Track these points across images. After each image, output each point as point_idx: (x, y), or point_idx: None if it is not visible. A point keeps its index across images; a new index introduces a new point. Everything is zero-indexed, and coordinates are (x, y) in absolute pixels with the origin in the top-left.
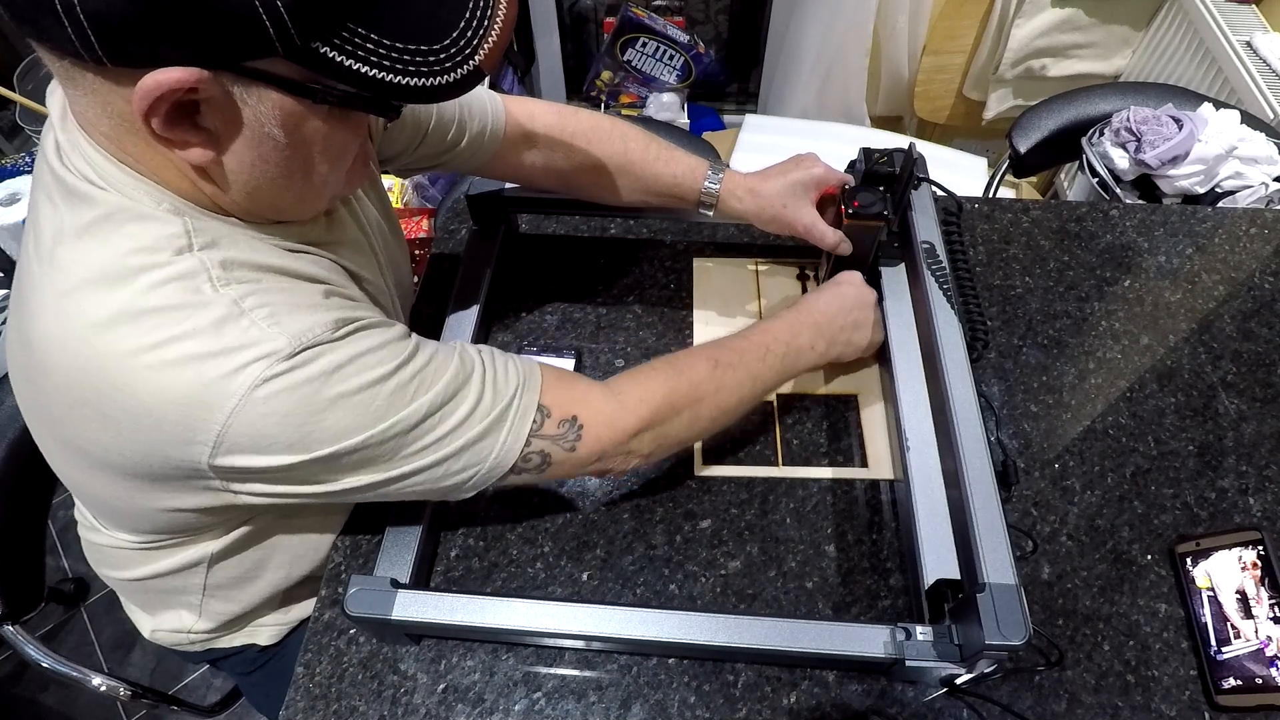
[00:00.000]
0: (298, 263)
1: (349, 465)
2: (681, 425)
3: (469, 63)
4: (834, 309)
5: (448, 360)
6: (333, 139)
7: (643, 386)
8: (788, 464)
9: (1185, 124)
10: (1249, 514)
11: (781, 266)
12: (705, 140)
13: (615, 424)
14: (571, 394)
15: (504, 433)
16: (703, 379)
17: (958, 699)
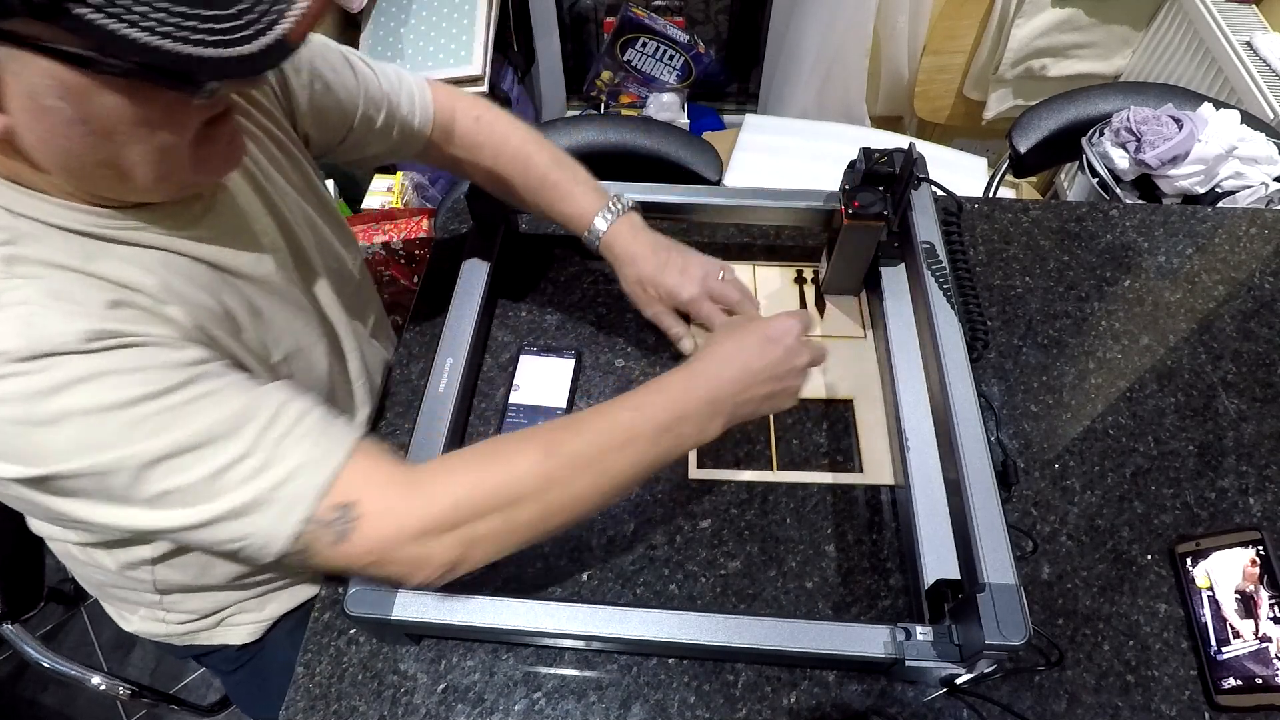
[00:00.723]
0: (111, 265)
1: (80, 491)
2: (495, 528)
3: (270, 33)
4: (742, 378)
5: (223, 403)
6: (140, 117)
7: (447, 477)
8: (783, 469)
9: (1185, 124)
10: (1249, 514)
11: (780, 268)
12: (705, 140)
13: (400, 518)
14: (363, 475)
15: (271, 511)
16: (525, 473)
17: (958, 699)
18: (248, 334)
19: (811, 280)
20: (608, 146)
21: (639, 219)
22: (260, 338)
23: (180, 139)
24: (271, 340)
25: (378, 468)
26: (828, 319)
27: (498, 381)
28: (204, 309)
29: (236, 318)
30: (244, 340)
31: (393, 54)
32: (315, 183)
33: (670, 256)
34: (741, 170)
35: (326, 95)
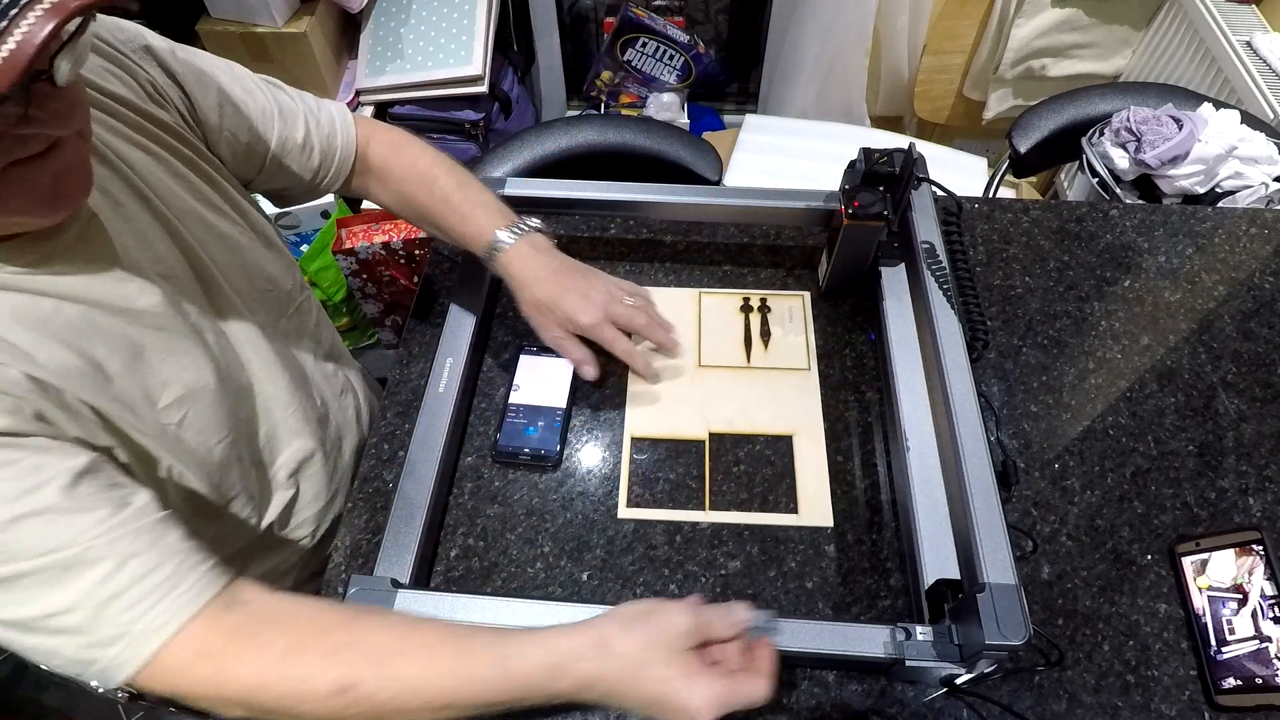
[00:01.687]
0: None
1: None
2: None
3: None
4: (631, 673)
5: (59, 532)
6: None
7: (228, 661)
8: (716, 508)
9: (1185, 124)
10: (1249, 514)
11: (725, 297)
12: (705, 140)
13: (172, 683)
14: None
15: (90, 670)
16: (312, 697)
17: (958, 699)
18: (120, 384)
19: (758, 309)
20: (608, 146)
21: (543, 241)
22: (141, 383)
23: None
24: (158, 383)
25: (190, 632)
26: (771, 350)
27: (498, 381)
28: (55, 366)
29: (104, 368)
30: (115, 393)
31: (393, 54)
32: (238, 201)
33: (572, 280)
34: (741, 170)
35: (238, 117)
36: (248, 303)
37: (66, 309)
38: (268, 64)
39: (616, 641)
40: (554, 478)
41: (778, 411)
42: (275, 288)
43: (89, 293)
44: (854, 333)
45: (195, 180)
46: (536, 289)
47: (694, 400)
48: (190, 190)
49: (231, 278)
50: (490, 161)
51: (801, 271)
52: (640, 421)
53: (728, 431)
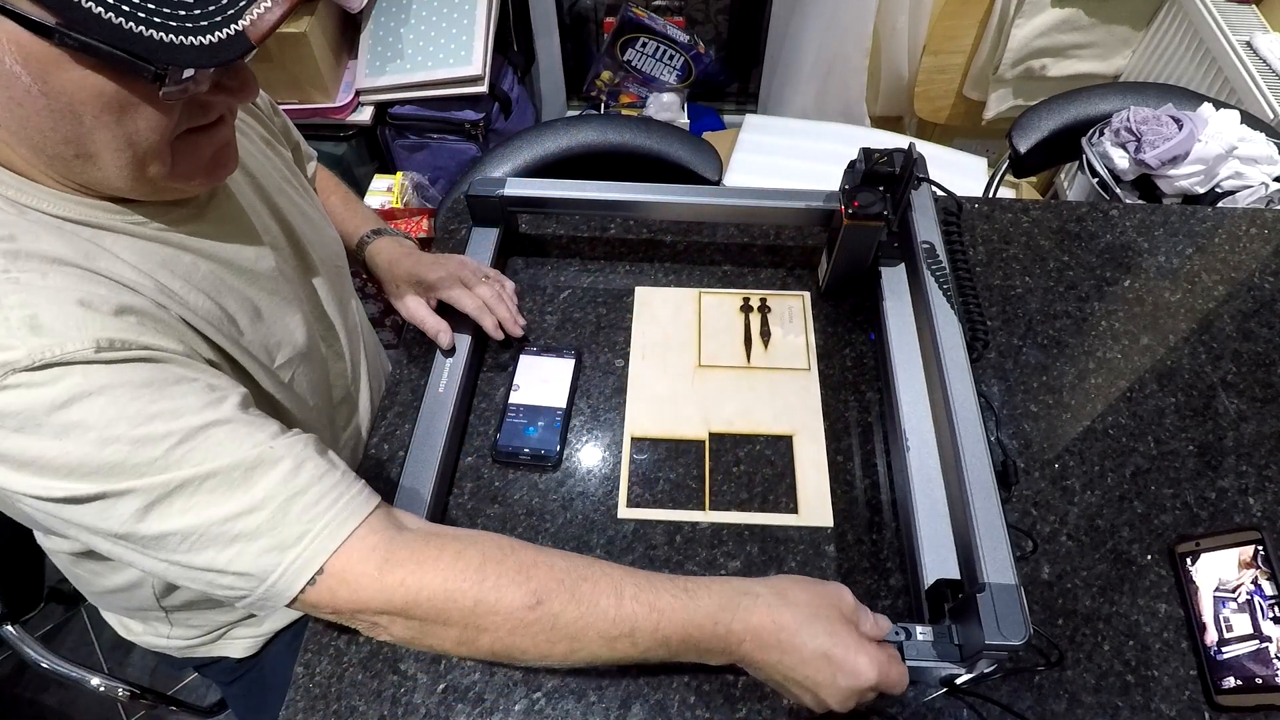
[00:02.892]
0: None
1: (83, 516)
2: (448, 639)
3: (231, 25)
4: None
5: (239, 443)
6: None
7: (424, 569)
8: (716, 508)
9: (1185, 124)
10: (1249, 514)
11: (725, 296)
12: (705, 140)
13: (356, 590)
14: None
15: (273, 576)
16: (501, 609)
17: (958, 699)
18: (247, 337)
19: (758, 309)
20: (608, 146)
21: (410, 243)
22: (262, 340)
23: (152, 134)
24: (273, 342)
25: (368, 537)
26: (772, 350)
27: (498, 381)
28: (201, 310)
29: (237, 321)
30: (243, 344)
31: (393, 54)
32: (304, 181)
33: (427, 256)
34: (741, 170)
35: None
36: (329, 276)
37: (203, 264)
38: (268, 64)
39: (794, 591)
40: (554, 478)
41: (778, 411)
42: (344, 264)
43: (220, 253)
44: (854, 333)
45: (276, 159)
46: (394, 268)
47: (694, 400)
48: (275, 167)
49: (318, 250)
50: (490, 161)
51: (801, 271)
52: (640, 421)
53: (728, 431)
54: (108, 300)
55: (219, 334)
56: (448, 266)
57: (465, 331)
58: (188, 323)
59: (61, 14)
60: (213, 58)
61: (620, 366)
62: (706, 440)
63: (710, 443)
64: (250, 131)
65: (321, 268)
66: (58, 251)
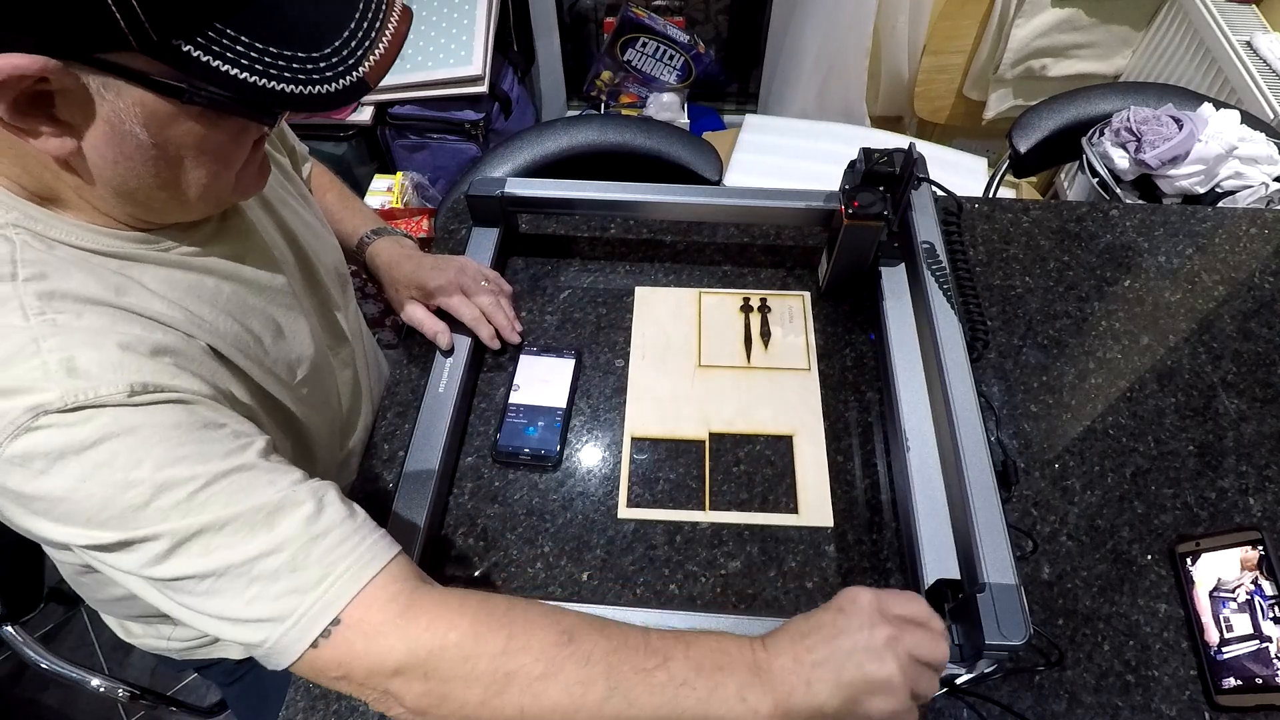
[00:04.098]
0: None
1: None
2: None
3: (352, 74)
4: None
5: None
6: (208, 142)
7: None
8: (715, 509)
9: (1185, 124)
10: (1249, 514)
11: (726, 296)
12: (705, 140)
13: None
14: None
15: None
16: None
17: (958, 699)
18: (271, 356)
19: (758, 309)
20: (608, 146)
21: (408, 242)
22: (284, 357)
23: (236, 165)
24: (294, 359)
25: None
26: (772, 350)
27: (498, 381)
28: (230, 336)
29: (262, 340)
30: (268, 365)
31: None
32: (303, 189)
33: (428, 259)
34: (741, 170)
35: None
36: (333, 285)
37: (226, 287)
38: None
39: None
40: (554, 478)
41: (778, 411)
42: (345, 271)
43: (241, 273)
44: (854, 333)
45: (276, 171)
46: (394, 270)
47: (694, 400)
48: (276, 179)
49: (322, 260)
50: (490, 161)
51: (801, 271)
52: (640, 421)
53: (728, 431)
54: (144, 341)
55: (245, 358)
56: (447, 273)
57: (465, 332)
58: (216, 351)
59: (197, 76)
60: (336, 104)
61: (620, 366)
62: (707, 440)
63: (710, 443)
64: None
65: (326, 276)
66: (90, 290)
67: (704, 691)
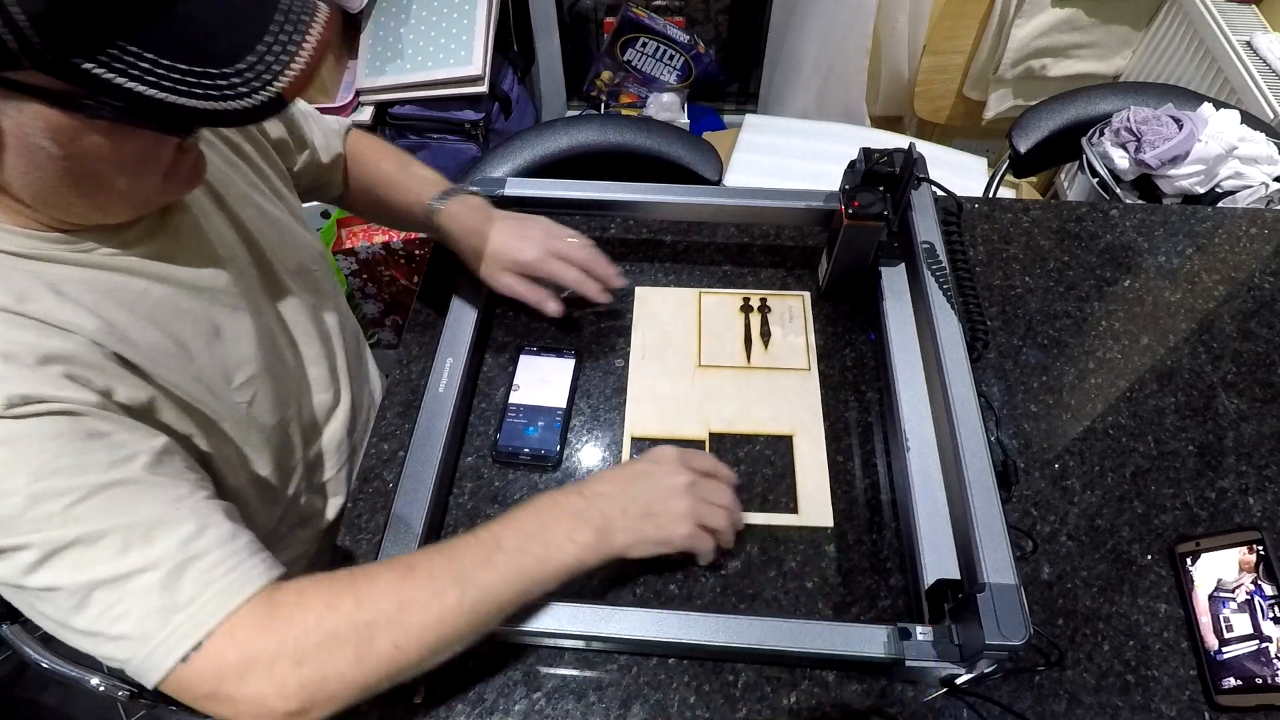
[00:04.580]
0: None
1: None
2: (345, 661)
3: (268, 89)
4: (609, 491)
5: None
6: (122, 154)
7: (304, 597)
8: None
9: (1185, 124)
10: (1249, 514)
11: (725, 296)
12: (705, 140)
13: (245, 645)
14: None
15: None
16: (380, 594)
17: (958, 699)
18: (201, 362)
19: (758, 309)
20: (608, 146)
21: (476, 200)
22: (220, 362)
23: (159, 171)
24: (233, 362)
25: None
26: (772, 350)
27: (498, 381)
28: (145, 344)
29: (189, 348)
30: (196, 372)
31: (393, 54)
32: (277, 184)
33: (508, 225)
34: (741, 170)
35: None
36: (298, 283)
37: (155, 290)
38: None
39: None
40: (554, 478)
41: (778, 411)
42: (320, 267)
43: (175, 274)
44: (854, 333)
45: (242, 165)
46: (475, 240)
47: (694, 400)
48: (240, 174)
49: (284, 258)
50: (490, 161)
51: (801, 271)
52: (640, 421)
53: (728, 431)
54: (34, 350)
55: (161, 367)
56: (536, 241)
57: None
58: (125, 360)
59: (99, 92)
60: (252, 119)
61: (620, 366)
62: (707, 440)
63: (710, 443)
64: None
65: (289, 276)
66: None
67: (538, 548)
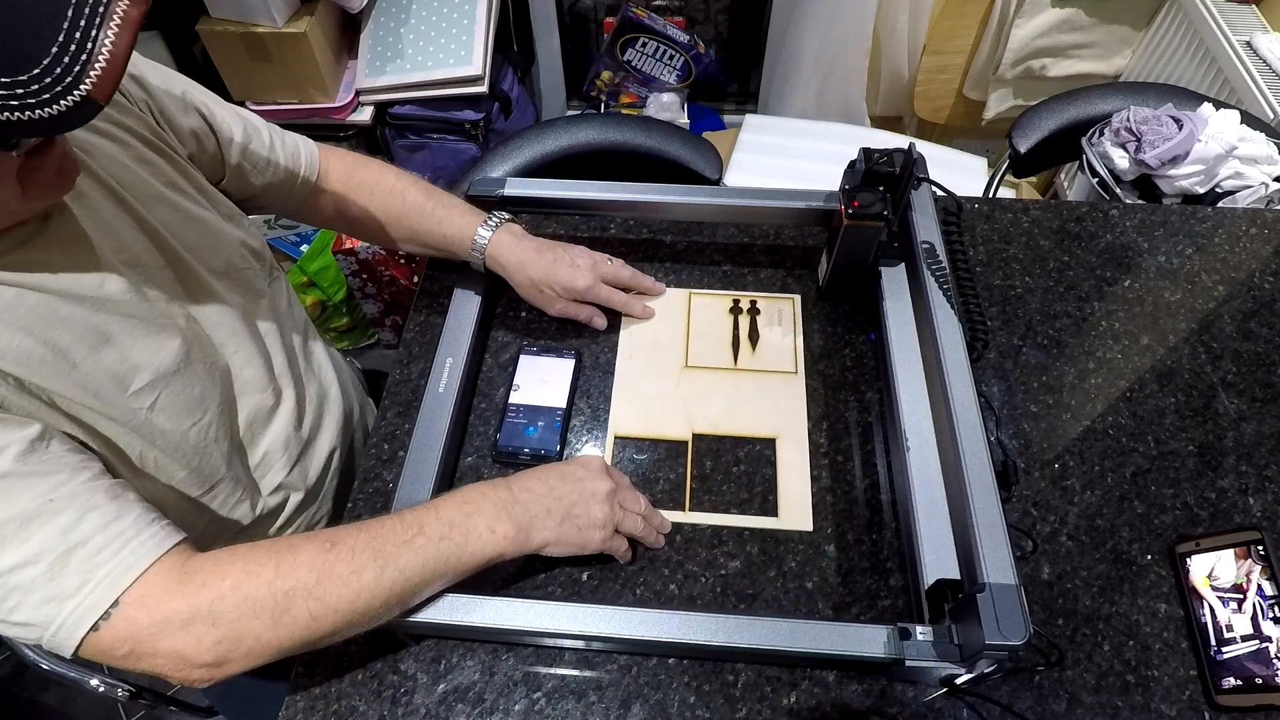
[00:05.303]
0: None
1: None
2: (261, 624)
3: (72, 94)
4: (536, 490)
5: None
6: None
7: (217, 568)
8: (695, 510)
9: (1185, 124)
10: (1249, 514)
11: (715, 297)
12: (706, 139)
13: (156, 608)
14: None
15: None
16: (300, 565)
17: (958, 699)
18: (85, 370)
19: (748, 311)
20: (608, 145)
21: (519, 228)
22: (109, 369)
23: (7, 180)
24: (128, 369)
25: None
26: (759, 352)
27: (498, 381)
28: (15, 353)
29: (68, 355)
30: (79, 379)
31: (393, 54)
32: (203, 184)
33: (556, 254)
34: (741, 170)
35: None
36: (224, 283)
37: (29, 297)
38: (268, 64)
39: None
40: None
41: (763, 414)
42: (250, 265)
43: (53, 282)
44: (854, 333)
45: (161, 163)
46: (531, 270)
47: (679, 401)
48: (156, 174)
49: (206, 259)
50: (490, 161)
51: (801, 272)
52: (624, 420)
53: (711, 433)
54: None
55: (36, 374)
56: (584, 265)
57: (467, 326)
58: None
59: None
60: (65, 126)
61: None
62: (690, 441)
63: (693, 444)
64: (119, 134)
65: (213, 276)
66: None
67: (459, 536)
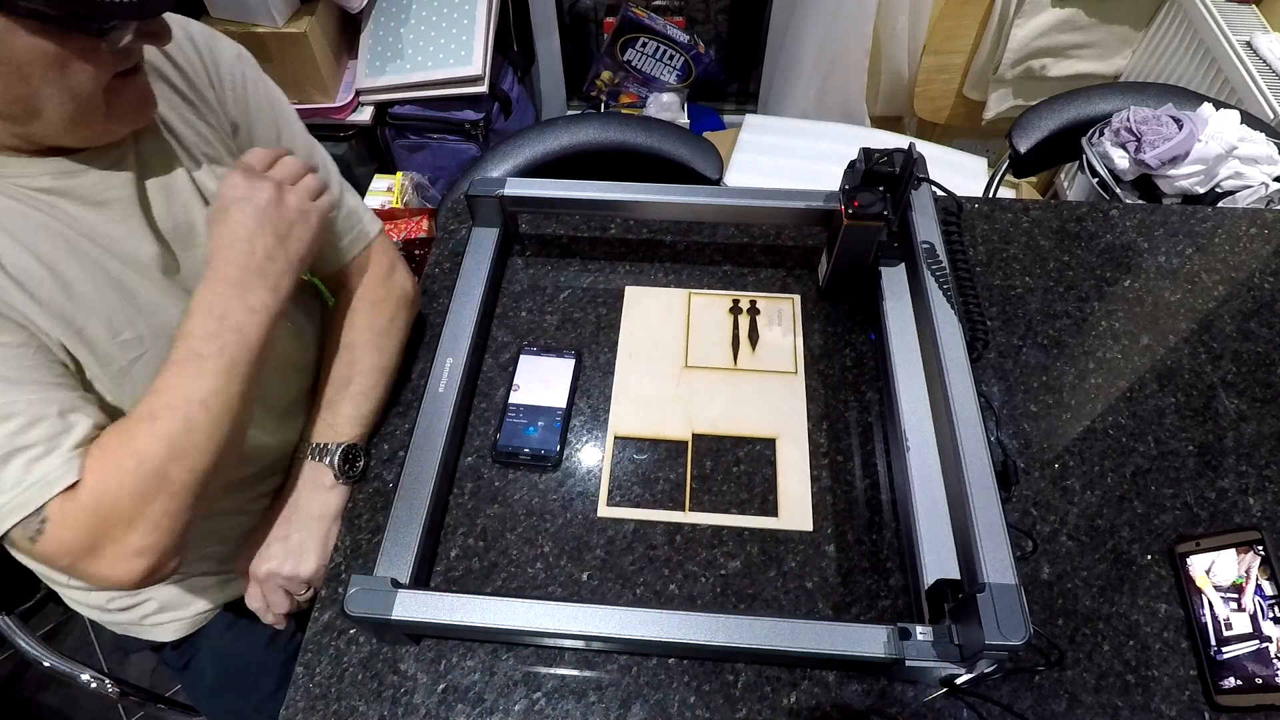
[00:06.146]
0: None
1: None
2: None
3: None
4: (241, 249)
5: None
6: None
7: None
8: (695, 510)
9: (1185, 124)
10: (1249, 514)
11: (714, 297)
12: (706, 139)
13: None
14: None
15: None
16: (148, 444)
17: (958, 699)
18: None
19: (747, 311)
20: (608, 145)
21: (330, 480)
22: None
23: (93, 85)
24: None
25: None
26: (759, 352)
27: (498, 381)
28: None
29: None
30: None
31: (393, 54)
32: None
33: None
34: (741, 170)
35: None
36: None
37: (54, 225)
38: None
39: None
40: (554, 478)
41: (762, 414)
42: None
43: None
44: (854, 333)
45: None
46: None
47: (679, 400)
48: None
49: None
50: (490, 161)
51: (801, 271)
52: (624, 420)
53: (711, 433)
54: None
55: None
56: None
57: (467, 326)
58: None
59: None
60: (144, 11)
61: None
62: (690, 441)
63: (694, 444)
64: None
65: None
66: None
67: (232, 335)
